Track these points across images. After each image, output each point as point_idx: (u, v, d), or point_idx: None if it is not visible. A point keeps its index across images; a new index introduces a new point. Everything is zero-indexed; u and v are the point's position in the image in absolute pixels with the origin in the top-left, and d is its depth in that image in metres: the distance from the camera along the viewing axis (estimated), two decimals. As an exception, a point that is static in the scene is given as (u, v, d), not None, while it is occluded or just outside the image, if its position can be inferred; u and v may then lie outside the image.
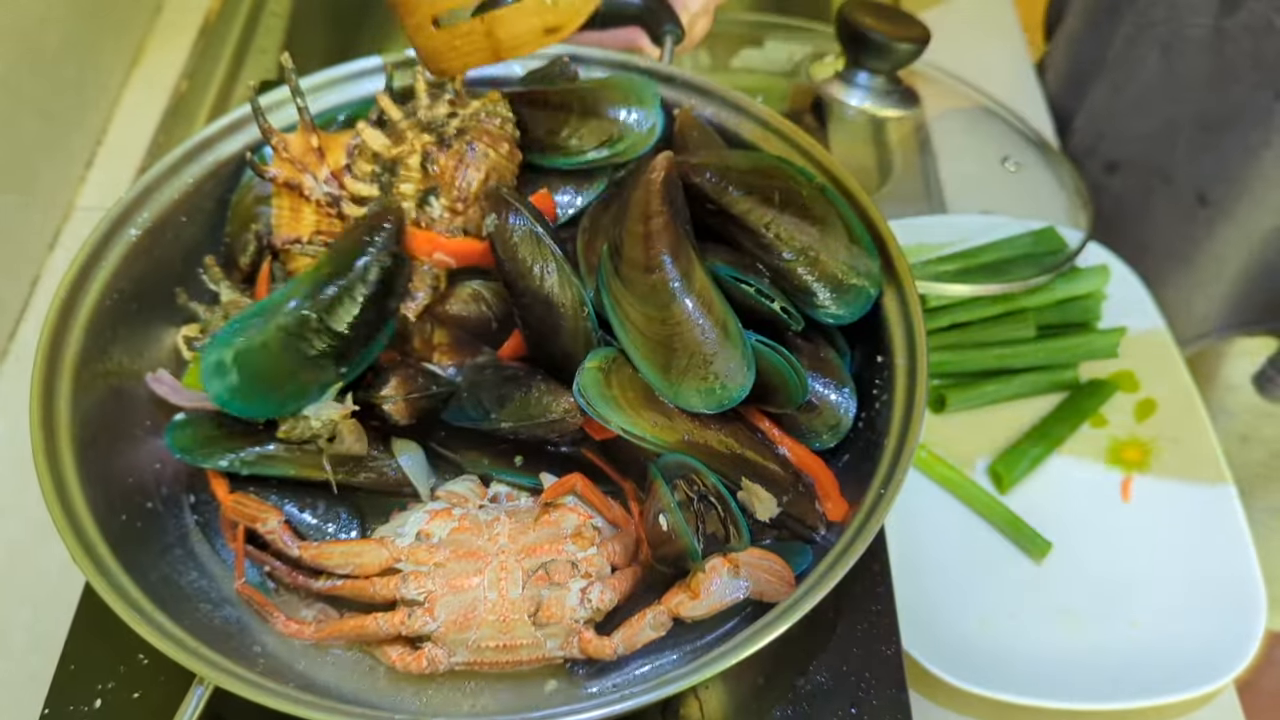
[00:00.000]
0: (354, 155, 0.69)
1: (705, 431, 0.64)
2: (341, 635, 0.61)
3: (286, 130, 0.70)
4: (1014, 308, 0.93)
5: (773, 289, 0.66)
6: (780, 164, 0.68)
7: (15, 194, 0.94)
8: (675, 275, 0.62)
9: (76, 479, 0.59)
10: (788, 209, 0.66)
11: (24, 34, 0.95)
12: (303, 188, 0.69)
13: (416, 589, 0.61)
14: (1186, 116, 1.00)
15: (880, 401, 0.65)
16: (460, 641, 0.60)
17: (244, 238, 0.73)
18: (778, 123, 0.72)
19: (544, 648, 0.60)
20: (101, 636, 0.65)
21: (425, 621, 0.60)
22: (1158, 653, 0.77)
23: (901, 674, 0.66)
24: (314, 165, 0.69)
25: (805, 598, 0.55)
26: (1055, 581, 0.82)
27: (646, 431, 0.63)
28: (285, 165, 0.69)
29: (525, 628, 0.60)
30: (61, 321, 0.63)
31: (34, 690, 0.67)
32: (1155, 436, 0.89)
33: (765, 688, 0.65)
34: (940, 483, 0.86)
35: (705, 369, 0.62)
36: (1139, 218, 1.08)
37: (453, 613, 0.60)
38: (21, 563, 0.80)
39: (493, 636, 0.60)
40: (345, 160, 0.69)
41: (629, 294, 0.63)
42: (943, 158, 1.05)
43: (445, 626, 0.60)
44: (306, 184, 0.69)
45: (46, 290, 0.96)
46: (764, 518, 0.63)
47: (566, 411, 0.65)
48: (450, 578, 0.61)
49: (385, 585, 0.61)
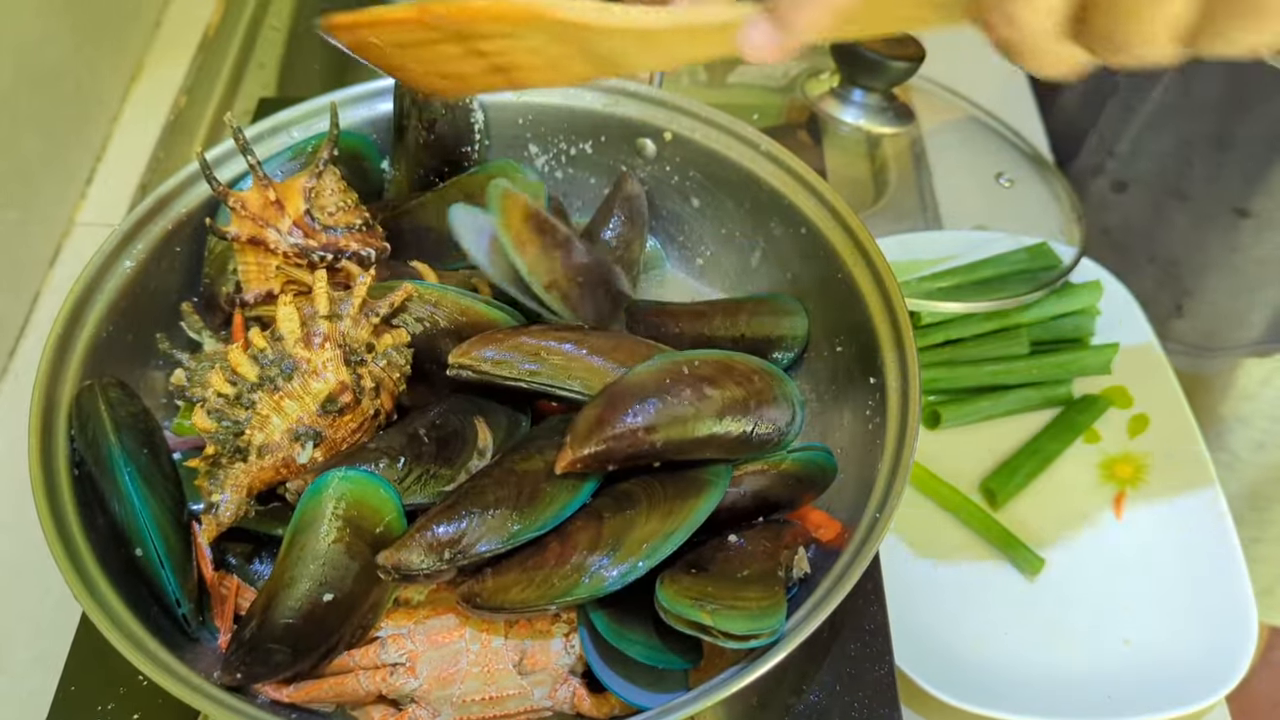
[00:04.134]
0: (311, 198, 0.67)
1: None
2: (321, 695, 0.59)
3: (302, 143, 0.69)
4: (1007, 324, 0.93)
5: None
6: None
7: (15, 210, 0.95)
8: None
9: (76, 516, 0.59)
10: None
11: (23, 50, 0.95)
12: (267, 243, 0.67)
13: (397, 652, 0.59)
14: (1201, 135, 1.02)
15: (874, 424, 0.66)
16: (445, 699, 0.59)
17: (223, 279, 0.72)
18: (768, 146, 0.73)
19: (531, 698, 0.59)
20: (102, 657, 0.65)
21: (407, 680, 0.59)
22: (1150, 670, 0.78)
23: (894, 691, 0.67)
24: (275, 219, 0.67)
25: (804, 623, 0.55)
26: (1048, 598, 0.82)
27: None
28: (245, 223, 0.66)
29: (511, 677, 0.59)
30: (57, 358, 0.63)
31: (34, 709, 0.67)
32: (1148, 452, 0.90)
33: (759, 707, 0.66)
34: (934, 499, 0.87)
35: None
36: (1152, 234, 1.09)
37: (435, 668, 0.59)
38: (22, 580, 0.80)
39: (478, 689, 0.59)
40: (304, 205, 0.67)
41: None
42: (938, 173, 1.06)
43: (429, 683, 0.59)
44: (270, 239, 0.67)
45: (47, 306, 0.97)
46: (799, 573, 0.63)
47: None
48: (431, 634, 0.60)
49: (365, 655, 0.60)
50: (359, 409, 0.62)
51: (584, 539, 0.57)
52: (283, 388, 0.60)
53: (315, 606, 0.57)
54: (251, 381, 0.60)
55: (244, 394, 0.60)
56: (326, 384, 0.60)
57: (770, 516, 0.65)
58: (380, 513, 0.59)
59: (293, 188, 0.67)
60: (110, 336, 0.66)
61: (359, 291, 0.63)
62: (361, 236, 0.69)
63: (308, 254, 0.67)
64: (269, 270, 0.68)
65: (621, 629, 0.57)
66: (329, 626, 0.58)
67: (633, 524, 0.57)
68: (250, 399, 0.60)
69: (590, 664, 0.59)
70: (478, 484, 0.58)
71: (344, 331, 0.62)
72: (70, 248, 1.02)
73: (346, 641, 0.59)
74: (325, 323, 0.61)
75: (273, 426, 0.60)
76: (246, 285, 0.69)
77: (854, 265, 0.69)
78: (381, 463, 0.60)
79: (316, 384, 0.60)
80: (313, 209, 0.67)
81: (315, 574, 0.57)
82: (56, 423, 0.62)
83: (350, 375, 0.61)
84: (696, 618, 0.54)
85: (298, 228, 0.67)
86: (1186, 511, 0.86)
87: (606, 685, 0.58)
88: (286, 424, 0.60)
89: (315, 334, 0.61)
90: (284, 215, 0.67)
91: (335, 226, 0.68)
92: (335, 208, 0.68)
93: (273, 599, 0.57)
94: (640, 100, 0.77)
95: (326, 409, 0.61)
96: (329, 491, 0.58)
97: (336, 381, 0.60)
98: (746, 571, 0.59)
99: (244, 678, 0.56)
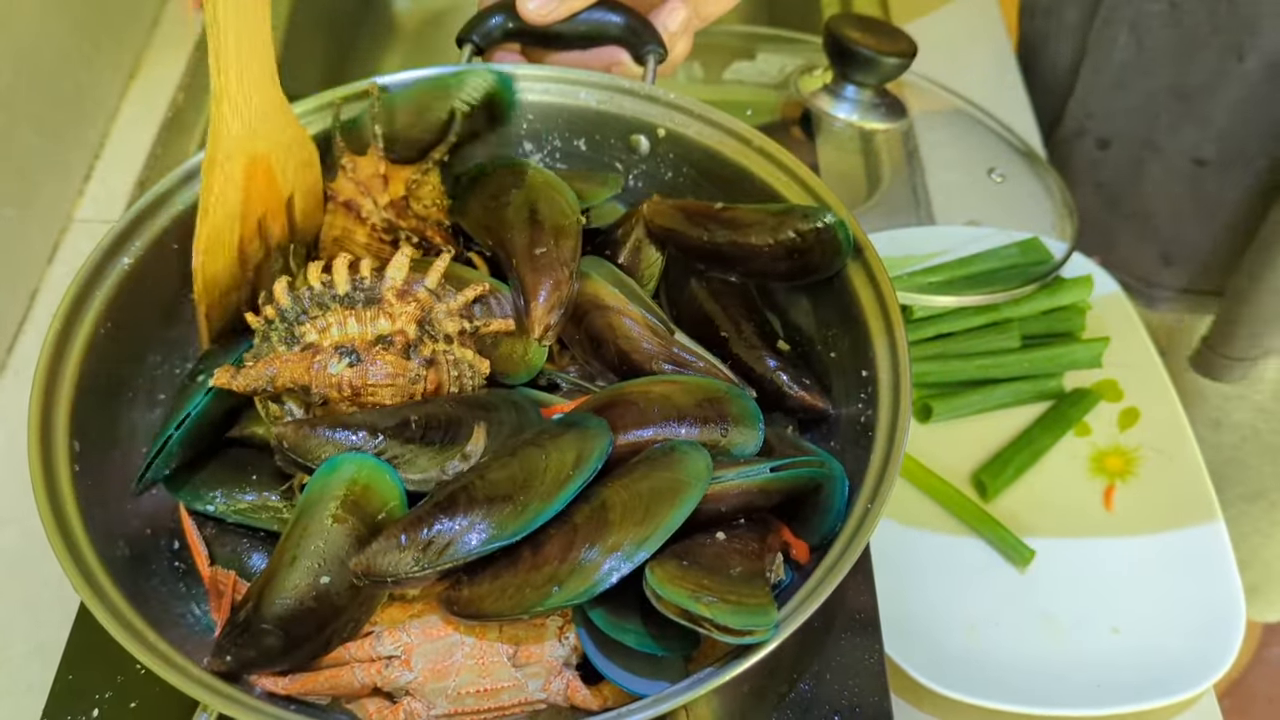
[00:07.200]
0: (412, 189, 0.71)
1: None
2: (316, 687, 0.60)
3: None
4: (999, 318, 0.94)
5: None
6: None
7: (13, 207, 0.95)
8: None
9: (75, 510, 0.60)
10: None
11: (21, 48, 0.96)
12: (361, 210, 0.71)
13: (392, 645, 0.60)
14: (1161, 88, 1.06)
15: (865, 416, 0.67)
16: (439, 691, 0.59)
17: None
18: (760, 142, 0.73)
19: (526, 690, 0.60)
20: (100, 646, 0.66)
21: (402, 673, 0.59)
22: (1139, 659, 0.79)
23: (885, 681, 0.67)
24: (377, 191, 0.71)
25: (796, 613, 0.55)
26: (1038, 589, 0.83)
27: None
28: (349, 186, 0.71)
29: (505, 670, 0.59)
30: (57, 353, 0.63)
31: (32, 699, 0.68)
32: (1138, 445, 0.91)
33: (750, 696, 0.66)
34: (925, 491, 0.87)
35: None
36: (1137, 188, 1.14)
37: (430, 661, 0.59)
38: (20, 571, 0.81)
39: (473, 682, 0.59)
40: (404, 191, 0.71)
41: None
42: (930, 169, 1.06)
43: (423, 676, 0.59)
44: (366, 207, 0.71)
45: (45, 303, 0.98)
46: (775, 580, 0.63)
47: None
48: (426, 627, 0.60)
49: (359, 648, 0.60)
50: (404, 363, 0.63)
51: (557, 548, 0.57)
52: (356, 310, 0.63)
53: (312, 590, 0.58)
54: (338, 292, 0.64)
55: (325, 297, 0.64)
56: (391, 328, 0.63)
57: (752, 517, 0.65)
58: (385, 499, 0.59)
59: (400, 174, 0.71)
60: (108, 332, 0.67)
61: (438, 265, 0.66)
62: (444, 236, 0.73)
63: (394, 231, 0.70)
64: (353, 238, 0.71)
65: (617, 619, 0.58)
66: (323, 615, 0.58)
67: (607, 531, 0.57)
68: (327, 303, 0.64)
69: (588, 654, 0.59)
70: (453, 489, 0.58)
71: (435, 310, 0.65)
72: (68, 244, 1.02)
73: (341, 634, 0.60)
74: (425, 291, 0.65)
75: (328, 334, 0.63)
76: (324, 244, 0.72)
77: (847, 260, 0.70)
78: (360, 434, 0.60)
79: (384, 323, 0.63)
80: (410, 198, 0.71)
81: (316, 553, 0.58)
82: (56, 417, 0.62)
83: (415, 334, 0.63)
84: (693, 608, 0.54)
85: (393, 206, 0.71)
86: (1175, 503, 0.86)
87: (604, 674, 0.59)
88: (340, 337, 0.63)
89: (412, 292, 0.64)
90: (385, 191, 0.70)
91: (426, 218, 0.72)
92: (431, 203, 0.72)
93: (271, 578, 0.58)
94: (635, 97, 0.78)
95: (377, 344, 0.63)
96: (342, 472, 0.59)
97: (398, 329, 0.63)
98: (738, 569, 0.59)
99: (233, 661, 0.56)
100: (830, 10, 1.28)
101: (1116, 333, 0.95)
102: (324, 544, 0.58)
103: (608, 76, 0.78)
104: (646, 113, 0.77)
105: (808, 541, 0.64)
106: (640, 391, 0.65)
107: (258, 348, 0.65)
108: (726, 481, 0.61)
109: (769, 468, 0.61)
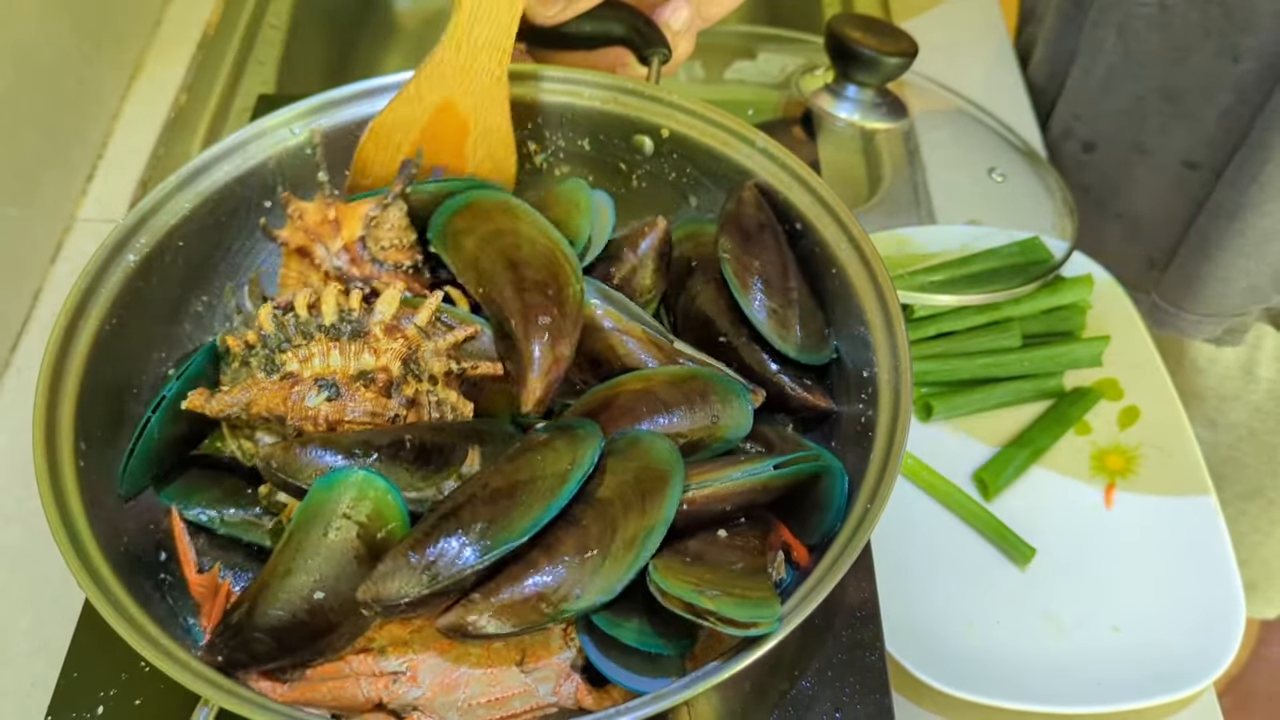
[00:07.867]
0: (370, 227, 0.68)
1: None
2: (317, 699, 0.58)
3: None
4: (999, 317, 0.94)
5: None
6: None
7: (16, 207, 0.96)
8: None
9: (80, 507, 0.60)
10: None
11: (24, 48, 0.96)
12: (313, 257, 0.68)
13: (398, 660, 0.58)
14: (1150, 91, 1.05)
15: (866, 416, 0.67)
16: (449, 704, 0.58)
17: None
18: (763, 142, 0.74)
19: (537, 695, 0.59)
20: (104, 644, 0.66)
21: (409, 689, 0.58)
22: (1140, 656, 0.79)
23: (885, 678, 0.68)
24: (327, 236, 0.68)
25: (797, 610, 0.55)
26: (1039, 587, 0.83)
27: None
28: (298, 233, 0.68)
29: (515, 676, 0.58)
30: (61, 351, 0.64)
31: (37, 697, 0.68)
32: (1138, 444, 0.91)
33: (751, 693, 0.67)
34: (926, 490, 0.88)
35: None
36: (1123, 191, 1.13)
37: (437, 675, 0.58)
38: (23, 569, 0.82)
39: (483, 692, 0.58)
40: (360, 232, 0.68)
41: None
42: (931, 168, 1.06)
43: (431, 690, 0.58)
44: (318, 254, 0.68)
45: (49, 303, 0.98)
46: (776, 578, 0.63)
47: None
48: (430, 640, 0.59)
49: (362, 661, 0.59)
50: (384, 401, 0.62)
51: (571, 547, 0.56)
52: (340, 342, 0.63)
53: (306, 603, 0.56)
54: (324, 322, 0.63)
55: (310, 326, 0.63)
56: (375, 364, 0.62)
57: (753, 515, 0.65)
58: (387, 518, 0.58)
59: (356, 212, 0.68)
60: (113, 331, 0.67)
61: (430, 303, 0.65)
62: (406, 279, 0.69)
63: (346, 280, 0.68)
64: (309, 282, 0.69)
65: (615, 616, 0.58)
66: (316, 628, 0.57)
67: (616, 524, 0.57)
68: (312, 332, 0.63)
69: (586, 652, 0.59)
70: (457, 500, 0.57)
71: (423, 348, 0.63)
72: (71, 244, 1.02)
73: (335, 646, 0.58)
74: (414, 329, 0.64)
75: (309, 364, 0.62)
76: (282, 289, 0.71)
77: (848, 259, 0.70)
78: (355, 451, 0.59)
79: (368, 359, 0.62)
80: (368, 238, 0.68)
81: (313, 569, 0.57)
82: (61, 416, 0.62)
83: (399, 372, 0.62)
84: (698, 602, 0.54)
85: (346, 252, 0.68)
86: (1175, 501, 0.87)
87: (603, 671, 0.59)
88: (321, 369, 0.62)
89: (400, 328, 0.63)
90: (337, 236, 0.68)
91: (384, 262, 0.69)
92: (390, 243, 0.69)
93: (265, 588, 0.57)
94: (638, 97, 0.78)
95: (359, 379, 0.62)
96: (347, 485, 0.58)
97: (382, 366, 0.62)
98: (740, 565, 0.60)
99: (225, 662, 0.56)
100: (831, 10, 1.28)
101: (1117, 331, 0.96)
102: (321, 560, 0.57)
103: (612, 77, 0.78)
104: (650, 113, 0.78)
105: (809, 540, 0.64)
106: (626, 390, 0.66)
107: (235, 372, 0.63)
108: (732, 481, 0.61)
109: (773, 465, 0.61)
